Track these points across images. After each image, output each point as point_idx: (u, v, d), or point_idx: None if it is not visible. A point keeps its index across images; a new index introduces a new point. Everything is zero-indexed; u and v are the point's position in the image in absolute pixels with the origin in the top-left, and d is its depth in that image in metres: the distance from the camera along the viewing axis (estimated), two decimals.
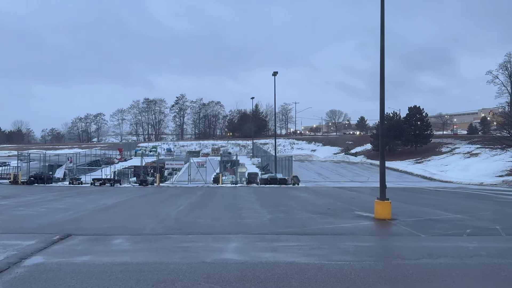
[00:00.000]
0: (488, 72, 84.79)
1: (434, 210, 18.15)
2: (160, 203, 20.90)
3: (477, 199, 24.50)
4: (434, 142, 77.23)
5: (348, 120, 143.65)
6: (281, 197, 25.24)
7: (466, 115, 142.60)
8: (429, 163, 64.56)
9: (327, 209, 18.18)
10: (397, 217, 15.27)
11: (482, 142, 68.08)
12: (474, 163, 56.11)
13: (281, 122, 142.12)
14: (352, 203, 20.95)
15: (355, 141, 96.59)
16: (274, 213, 16.76)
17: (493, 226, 13.48)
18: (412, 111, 77.42)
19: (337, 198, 24.54)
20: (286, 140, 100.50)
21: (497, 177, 43.91)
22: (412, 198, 24.66)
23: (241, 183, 39.25)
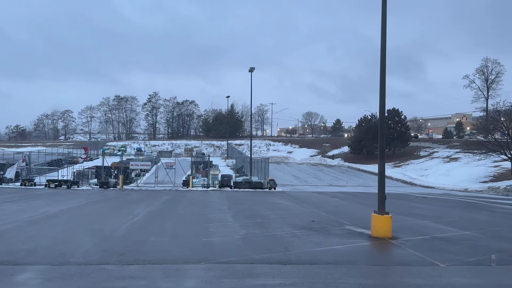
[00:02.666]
0: (465, 76, 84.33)
1: (436, 224, 15.54)
2: (113, 212, 17.62)
3: (474, 209, 22.17)
4: (412, 145, 75.83)
5: (324, 123, 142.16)
6: (257, 204, 22.31)
7: (439, 120, 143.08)
8: (408, 167, 62.90)
9: (311, 222, 15.33)
10: (398, 234, 12.55)
11: (462, 147, 67.00)
12: (455, 168, 54.56)
13: (257, 123, 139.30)
14: (339, 214, 18.18)
15: (332, 144, 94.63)
16: (249, 227, 13.78)
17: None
18: (391, 114, 75.77)
19: (319, 206, 21.77)
20: (262, 142, 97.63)
21: (481, 183, 42.18)
22: (403, 208, 22.13)
23: (214, 186, 36.14)
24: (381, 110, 13.05)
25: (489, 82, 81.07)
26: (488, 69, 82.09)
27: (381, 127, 13.19)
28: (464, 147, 65.70)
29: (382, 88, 12.81)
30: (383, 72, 12.80)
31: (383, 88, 12.81)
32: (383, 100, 12.88)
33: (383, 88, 12.81)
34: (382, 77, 12.82)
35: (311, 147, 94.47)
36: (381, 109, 13.06)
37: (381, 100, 12.86)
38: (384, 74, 12.79)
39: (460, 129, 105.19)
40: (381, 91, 12.85)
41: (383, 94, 12.84)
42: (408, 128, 77.34)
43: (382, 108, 13.02)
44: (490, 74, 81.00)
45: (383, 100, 12.88)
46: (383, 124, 13.21)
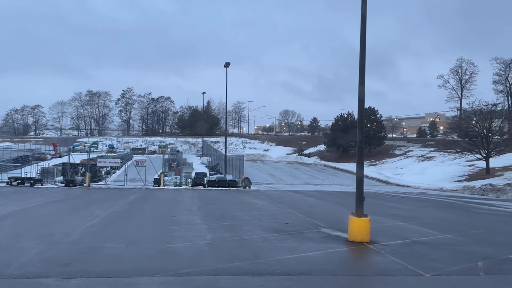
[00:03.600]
0: (440, 76, 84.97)
1: (415, 226, 14.82)
2: (71, 213, 16.27)
3: (452, 210, 21.67)
4: (387, 144, 76.08)
5: (301, 121, 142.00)
6: (229, 204, 21.26)
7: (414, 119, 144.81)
8: (384, 166, 62.94)
9: (285, 224, 14.39)
10: (376, 238, 11.73)
11: (436, 146, 67.50)
12: (429, 166, 54.72)
13: (234, 121, 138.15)
14: (314, 215, 17.31)
15: (309, 142, 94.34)
16: (217, 230, 12.72)
17: (504, 254, 10.18)
18: (367, 113, 75.77)
19: (294, 206, 20.88)
20: (238, 139, 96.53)
21: (456, 182, 42.22)
22: (379, 208, 21.45)
23: (186, 184, 34.90)
24: (360, 114, 12.19)
25: (463, 82, 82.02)
26: (462, 69, 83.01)
27: (360, 132, 12.33)
28: (438, 146, 66.23)
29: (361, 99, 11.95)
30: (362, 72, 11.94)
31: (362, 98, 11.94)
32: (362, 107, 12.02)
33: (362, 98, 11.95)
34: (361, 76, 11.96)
35: (288, 145, 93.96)
36: (359, 113, 12.19)
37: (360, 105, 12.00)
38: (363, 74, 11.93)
39: (434, 129, 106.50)
40: (360, 104, 12.02)
41: (362, 105, 11.99)
42: (384, 127, 77.59)
43: (361, 112, 12.15)
44: (464, 74, 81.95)
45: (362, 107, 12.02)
46: (362, 129, 12.35)
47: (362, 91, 11.91)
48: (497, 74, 72.55)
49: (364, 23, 11.79)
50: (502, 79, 71.66)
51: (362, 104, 12.05)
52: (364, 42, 11.89)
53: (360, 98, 11.97)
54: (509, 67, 70.33)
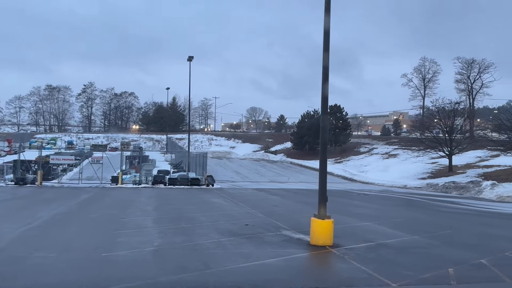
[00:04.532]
0: (403, 75, 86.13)
1: (381, 226, 14.14)
2: (10, 215, 14.71)
3: (417, 208, 21.30)
4: (352, 142, 76.55)
5: (268, 118, 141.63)
6: (188, 204, 20.08)
7: (378, 117, 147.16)
8: (349, 163, 63.10)
9: (244, 226, 13.40)
10: (339, 240, 10.91)
11: (400, 143, 68.28)
12: (393, 164, 55.18)
13: (200, 118, 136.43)
14: (276, 215, 16.40)
15: (275, 139, 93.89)
16: (168, 235, 11.58)
17: (474, 258, 9.54)
18: (332, 110, 75.96)
19: (257, 205, 19.93)
20: (204, 136, 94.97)
21: (419, 180, 42.51)
22: (344, 206, 20.82)
23: (147, 183, 33.36)
24: (324, 113, 11.32)
25: (426, 81, 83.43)
26: (425, 68, 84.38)
27: (322, 131, 11.46)
28: (402, 144, 67.01)
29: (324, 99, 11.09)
30: (325, 70, 11.08)
31: (325, 98, 11.09)
32: (326, 106, 11.16)
33: (325, 98, 11.10)
34: (324, 74, 11.10)
35: (254, 142, 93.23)
36: (323, 112, 11.32)
37: (323, 104, 11.14)
38: (327, 72, 11.07)
39: (398, 127, 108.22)
40: (323, 102, 11.16)
41: (326, 103, 11.14)
42: (349, 125, 77.98)
43: (325, 109, 11.28)
44: (427, 73, 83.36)
45: (326, 106, 11.16)
46: (325, 127, 11.48)
47: (326, 89, 11.09)
48: (459, 73, 74.07)
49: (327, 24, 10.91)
50: (464, 78, 73.19)
51: (326, 103, 11.21)
52: (328, 44, 11.04)
53: (324, 97, 11.14)
54: (470, 67, 71.91)
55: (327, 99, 11.24)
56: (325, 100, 11.16)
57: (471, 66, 71.88)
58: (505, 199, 28.01)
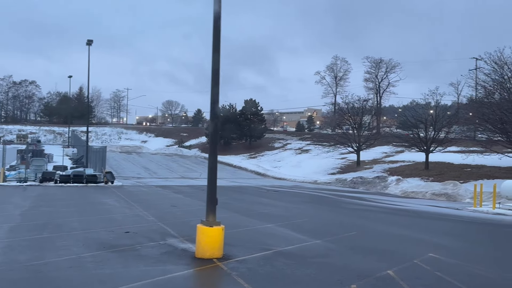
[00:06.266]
0: (317, 72, 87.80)
1: (284, 229, 12.70)
2: None
3: (324, 206, 20.43)
4: (267, 137, 76.33)
5: (185, 112, 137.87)
6: (69, 206, 17.26)
7: (294, 114, 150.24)
8: (263, 159, 62.53)
9: (124, 234, 11.18)
10: (232, 250, 9.22)
11: (312, 139, 69.24)
12: (305, 159, 55.43)
13: (113, 110, 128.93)
14: (170, 218, 14.35)
15: (190, 134, 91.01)
16: (15, 249, 9.03)
17: (381, 269, 8.30)
18: (248, 104, 75.16)
19: (152, 206, 17.70)
20: (113, 129, 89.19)
21: (329, 175, 42.74)
22: (250, 205, 19.35)
23: (35, 180, 29.37)
24: (213, 114, 9.50)
25: (337, 79, 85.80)
26: (337, 66, 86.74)
27: (212, 117, 9.62)
28: (314, 140, 67.93)
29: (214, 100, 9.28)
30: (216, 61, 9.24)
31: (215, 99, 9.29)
32: (215, 108, 9.35)
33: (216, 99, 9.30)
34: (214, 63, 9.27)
35: (168, 136, 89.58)
36: (212, 114, 9.50)
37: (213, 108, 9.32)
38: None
39: (311, 123, 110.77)
40: (212, 108, 9.35)
41: (215, 107, 9.33)
42: (264, 120, 77.70)
43: (214, 113, 9.47)
44: (338, 72, 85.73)
45: (215, 108, 9.35)
46: (214, 115, 9.65)
47: (216, 93, 9.34)
48: (368, 72, 77.09)
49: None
50: (372, 77, 76.29)
51: (216, 105, 9.47)
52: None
53: (214, 100, 9.37)
54: (378, 66, 75.06)
55: (217, 102, 9.51)
56: (215, 103, 9.42)
57: (379, 65, 75.07)
58: (409, 194, 28.53)
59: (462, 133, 38.28)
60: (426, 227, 14.84)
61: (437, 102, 40.36)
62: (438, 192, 26.99)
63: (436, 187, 27.88)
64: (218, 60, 9.37)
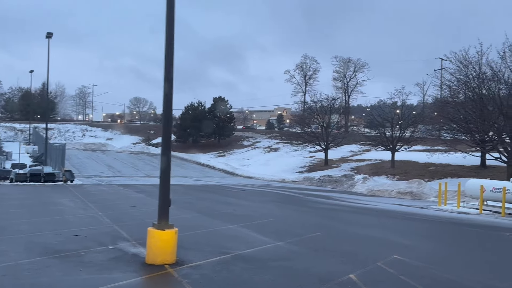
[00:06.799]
0: (286, 71, 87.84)
1: (246, 230, 12.16)
2: None
3: (290, 205, 20.03)
4: (236, 135, 75.76)
5: (154, 110, 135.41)
6: (20, 206, 16.15)
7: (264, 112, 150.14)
8: (232, 157, 61.91)
9: (72, 237, 10.37)
10: (187, 254, 8.61)
11: (281, 137, 69.13)
12: (274, 158, 55.19)
13: (78, 107, 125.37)
14: (127, 219, 13.57)
15: (158, 131, 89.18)
16: None
17: (344, 272, 7.87)
18: (217, 102, 74.31)
19: (110, 207, 16.82)
20: (77, 126, 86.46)
21: (297, 173, 42.57)
22: (215, 204, 18.73)
23: None
24: (166, 111, 8.83)
25: (307, 78, 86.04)
26: (306, 65, 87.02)
27: (165, 121, 8.93)
28: (283, 138, 67.86)
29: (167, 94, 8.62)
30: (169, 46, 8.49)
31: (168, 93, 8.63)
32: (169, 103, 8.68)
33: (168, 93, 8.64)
34: None
35: (135, 134, 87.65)
36: (165, 110, 8.82)
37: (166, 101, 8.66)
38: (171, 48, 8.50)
39: (281, 122, 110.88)
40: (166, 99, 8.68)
41: (169, 100, 8.63)
42: (234, 118, 77.06)
43: (168, 108, 8.80)
44: (308, 71, 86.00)
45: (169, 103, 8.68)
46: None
47: (170, 87, 8.67)
48: (337, 71, 77.70)
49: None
50: (341, 76, 76.94)
51: (170, 100, 8.80)
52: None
53: (166, 93, 8.70)
54: (347, 66, 75.76)
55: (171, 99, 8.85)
56: (168, 100, 8.75)
57: (347, 65, 75.81)
58: (376, 193, 28.57)
59: (427, 132, 38.85)
60: (391, 227, 14.63)
61: (403, 101, 40.83)
62: (403, 191, 27.12)
63: (401, 186, 28.02)
64: (172, 41, 8.60)
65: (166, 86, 8.56)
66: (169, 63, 8.52)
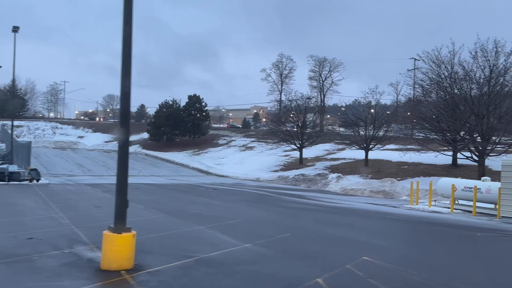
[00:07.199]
0: (262, 70, 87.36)
1: (213, 231, 11.71)
2: None
3: (263, 204, 19.68)
4: (212, 134, 75.02)
5: None
6: None
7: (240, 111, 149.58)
8: (206, 156, 61.24)
9: (27, 240, 9.72)
10: (147, 258, 8.12)
11: (257, 136, 68.81)
12: (249, 156, 54.79)
13: (49, 104, 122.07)
14: (87, 221, 12.93)
15: (132, 129, 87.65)
16: None
17: (312, 276, 7.52)
18: (192, 100, 73.35)
19: (73, 207, 16.12)
20: (48, 124, 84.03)
21: (272, 172, 42.30)
22: (184, 204, 18.21)
23: None
24: (124, 108, 8.31)
25: (283, 77, 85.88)
26: (282, 64, 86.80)
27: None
28: (259, 137, 67.52)
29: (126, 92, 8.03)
30: None
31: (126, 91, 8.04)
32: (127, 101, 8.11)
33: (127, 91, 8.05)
34: None
35: (107, 132, 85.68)
36: (123, 108, 8.31)
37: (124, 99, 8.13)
38: None
39: (257, 120, 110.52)
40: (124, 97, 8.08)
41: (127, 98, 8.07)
42: (209, 116, 76.26)
43: (126, 106, 8.24)
44: (284, 69, 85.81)
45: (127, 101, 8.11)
46: (127, 106, 8.47)
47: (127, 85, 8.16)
48: (312, 70, 77.80)
49: None
50: (317, 76, 77.08)
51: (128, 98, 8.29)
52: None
53: (125, 91, 8.18)
54: (322, 65, 75.93)
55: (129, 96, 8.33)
56: (126, 96, 8.24)
57: (323, 64, 75.96)
58: (349, 191, 28.53)
59: (400, 131, 39.16)
60: (363, 226, 14.43)
61: (377, 101, 41.05)
62: (376, 190, 27.15)
63: (374, 185, 28.06)
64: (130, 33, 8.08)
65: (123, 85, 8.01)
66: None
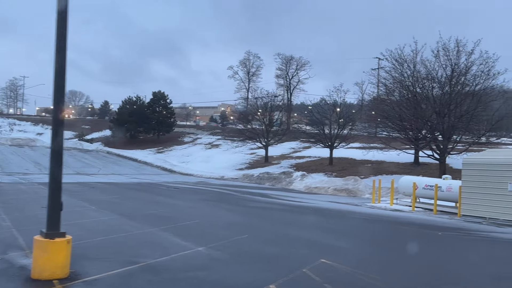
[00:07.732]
0: (230, 67, 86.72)
1: (166, 233, 11.02)
2: None
3: (225, 204, 19.07)
4: (177, 131, 73.75)
5: (91, 104, 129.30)
6: None
7: (208, 109, 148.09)
8: (171, 153, 60.04)
9: None
10: (85, 266, 7.40)
11: (223, 134, 68.11)
12: (215, 154, 54.07)
13: (9, 100, 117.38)
14: (30, 224, 11.97)
15: (93, 126, 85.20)
16: None
17: (266, 281, 7.01)
18: (157, 97, 71.84)
19: (20, 207, 15.05)
20: (5, 120, 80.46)
21: (237, 170, 41.79)
22: (141, 204, 17.38)
23: None
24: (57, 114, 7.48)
25: (250, 75, 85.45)
26: (250, 62, 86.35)
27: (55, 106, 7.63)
28: (225, 135, 66.88)
29: None
30: None
31: None
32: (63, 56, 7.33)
33: None
34: None
35: (69, 129, 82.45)
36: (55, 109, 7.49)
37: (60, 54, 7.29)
38: None
39: (224, 118, 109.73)
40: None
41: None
42: (174, 113, 74.91)
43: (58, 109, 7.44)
44: (251, 67, 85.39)
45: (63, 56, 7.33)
46: (59, 104, 7.69)
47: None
48: (279, 69, 77.75)
49: None
50: (283, 74, 77.06)
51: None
52: None
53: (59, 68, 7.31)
54: (289, 63, 75.96)
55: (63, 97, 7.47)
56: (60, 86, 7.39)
57: (289, 62, 76.00)
58: (313, 190, 28.34)
59: (364, 130, 39.41)
60: (323, 226, 14.09)
61: (342, 99, 41.23)
62: (339, 188, 27.07)
63: (338, 183, 27.99)
64: None
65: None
66: None
